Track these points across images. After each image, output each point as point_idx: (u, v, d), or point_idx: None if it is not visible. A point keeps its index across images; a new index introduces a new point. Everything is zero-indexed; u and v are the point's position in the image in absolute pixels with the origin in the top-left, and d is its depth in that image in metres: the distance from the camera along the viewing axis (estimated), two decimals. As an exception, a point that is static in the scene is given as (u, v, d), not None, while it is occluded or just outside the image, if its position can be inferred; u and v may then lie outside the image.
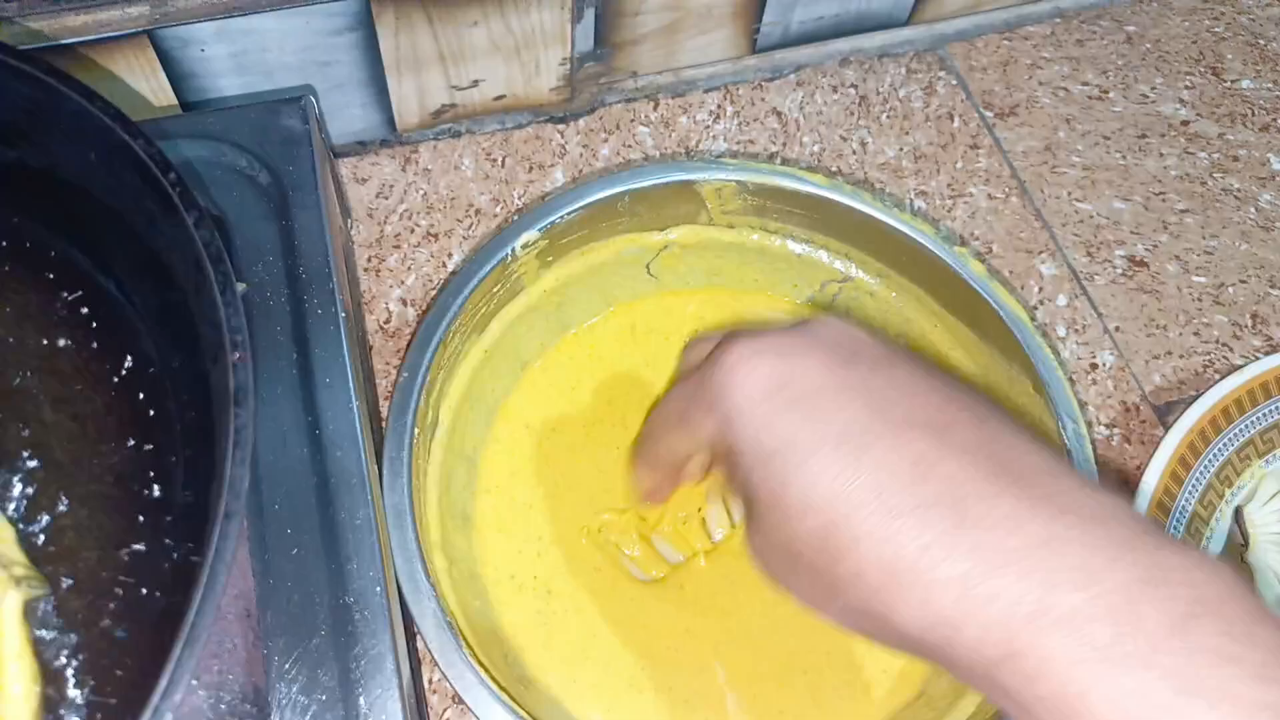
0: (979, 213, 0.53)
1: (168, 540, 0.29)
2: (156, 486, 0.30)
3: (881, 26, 0.57)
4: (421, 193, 0.53)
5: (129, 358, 0.31)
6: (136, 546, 0.29)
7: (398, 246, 0.51)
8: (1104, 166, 0.54)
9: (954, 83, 0.57)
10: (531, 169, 0.53)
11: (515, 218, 0.50)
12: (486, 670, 0.34)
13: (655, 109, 0.56)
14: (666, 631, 0.40)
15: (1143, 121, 0.56)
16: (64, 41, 0.42)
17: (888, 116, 0.56)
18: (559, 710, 0.38)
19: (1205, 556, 0.24)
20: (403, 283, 0.50)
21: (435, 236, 0.51)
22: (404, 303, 0.49)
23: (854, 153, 0.54)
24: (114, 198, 0.29)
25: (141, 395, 0.31)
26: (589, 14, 0.51)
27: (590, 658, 0.39)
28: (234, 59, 0.47)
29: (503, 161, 0.54)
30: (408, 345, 0.39)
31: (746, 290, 0.47)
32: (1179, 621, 0.22)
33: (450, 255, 0.51)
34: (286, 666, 0.30)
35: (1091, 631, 0.23)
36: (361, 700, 0.30)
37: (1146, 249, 0.52)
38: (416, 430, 0.38)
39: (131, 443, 0.30)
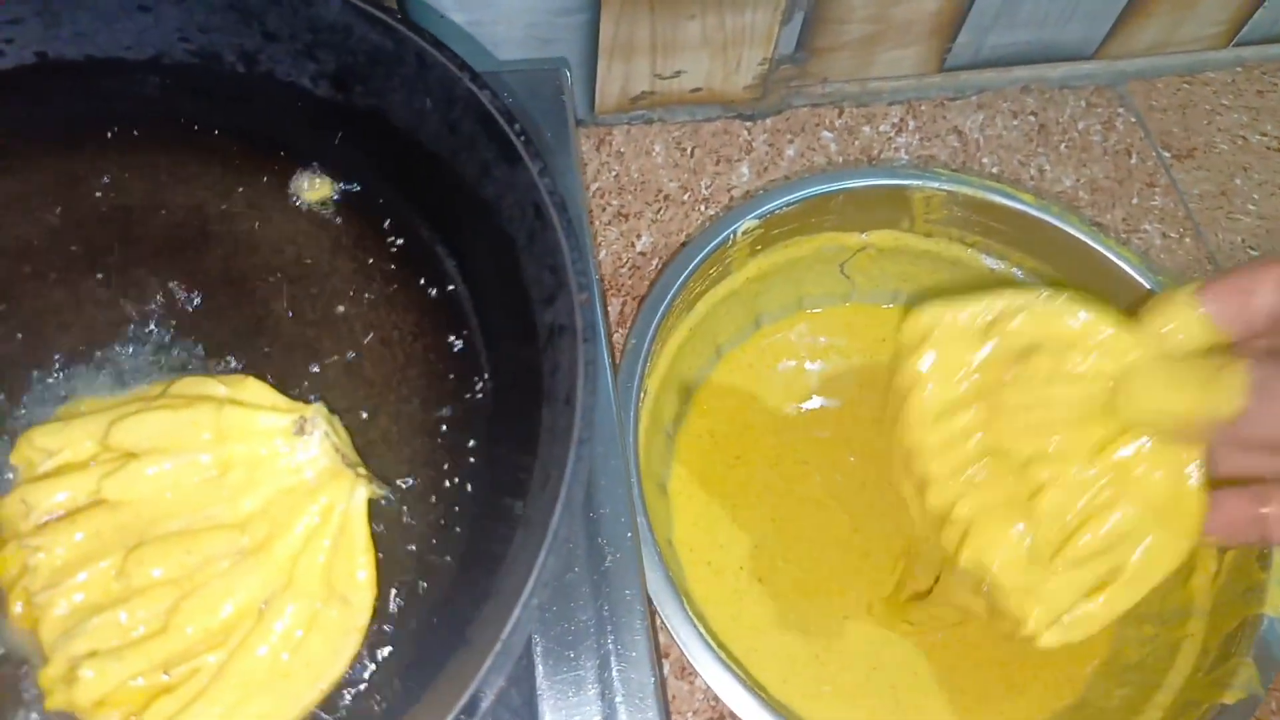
0: (1153, 250, 0.54)
1: (473, 468, 0.31)
2: (452, 408, 0.32)
3: (1066, 58, 0.59)
4: (614, 174, 0.54)
5: (439, 295, 0.33)
6: (450, 467, 0.31)
7: (589, 224, 0.53)
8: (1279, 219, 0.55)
9: (1133, 120, 0.58)
10: (719, 161, 0.55)
11: (703, 206, 0.53)
12: (702, 621, 0.36)
13: (840, 115, 0.57)
14: (850, 620, 0.42)
15: (1318, 177, 0.57)
16: None
17: (1066, 146, 0.57)
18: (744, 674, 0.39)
19: None
20: (594, 258, 0.51)
21: (625, 217, 0.53)
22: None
23: (1031, 178, 0.56)
24: (441, 144, 0.31)
25: (449, 328, 0.33)
26: (798, 17, 0.53)
27: (773, 630, 0.41)
28: (467, 28, 0.49)
29: (691, 151, 0.55)
30: (636, 311, 0.41)
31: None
32: None
33: (639, 236, 0.52)
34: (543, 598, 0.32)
35: None
36: (610, 634, 0.32)
37: (1316, 301, 0.53)
38: (641, 394, 0.39)
39: (440, 371, 0.32)
